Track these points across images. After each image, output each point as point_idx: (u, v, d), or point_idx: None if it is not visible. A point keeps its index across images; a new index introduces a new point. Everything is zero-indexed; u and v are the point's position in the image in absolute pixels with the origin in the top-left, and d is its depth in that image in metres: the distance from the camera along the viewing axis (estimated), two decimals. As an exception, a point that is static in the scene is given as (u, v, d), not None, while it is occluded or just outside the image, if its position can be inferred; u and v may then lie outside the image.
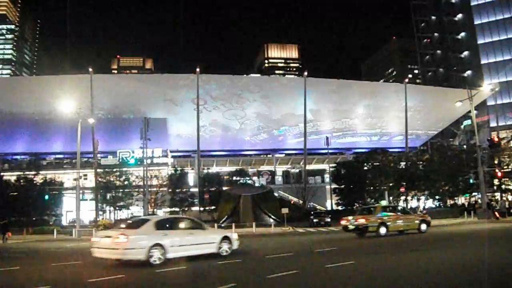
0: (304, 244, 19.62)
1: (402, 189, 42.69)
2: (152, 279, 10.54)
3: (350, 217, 22.00)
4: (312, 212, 41.28)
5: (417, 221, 21.73)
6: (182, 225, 13.87)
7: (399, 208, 26.96)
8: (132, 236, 12.05)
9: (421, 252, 14.16)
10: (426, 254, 13.33)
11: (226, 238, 14.31)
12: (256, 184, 55.32)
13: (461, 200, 50.11)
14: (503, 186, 42.84)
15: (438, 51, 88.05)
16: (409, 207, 43.07)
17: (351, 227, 21.11)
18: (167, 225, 13.33)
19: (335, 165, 51.66)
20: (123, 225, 14.31)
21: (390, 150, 54.71)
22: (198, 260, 13.06)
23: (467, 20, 79.73)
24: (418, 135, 71.11)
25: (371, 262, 11.93)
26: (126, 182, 45.59)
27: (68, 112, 41.54)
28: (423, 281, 8.80)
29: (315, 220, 36.45)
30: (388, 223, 20.63)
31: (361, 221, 20.55)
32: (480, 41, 76.23)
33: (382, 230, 20.24)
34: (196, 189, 49.79)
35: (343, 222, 22.15)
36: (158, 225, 12.90)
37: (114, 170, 46.20)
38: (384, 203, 41.45)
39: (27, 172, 45.29)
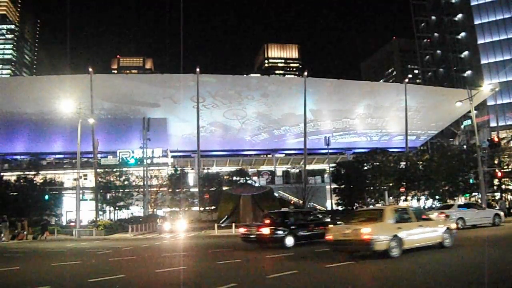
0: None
1: (402, 189, 42.62)
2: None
3: None
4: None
5: None
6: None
7: None
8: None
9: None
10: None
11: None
12: (256, 184, 55.28)
13: (461, 200, 50.05)
14: (503, 186, 42.76)
15: (438, 51, 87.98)
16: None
17: None
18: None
19: (335, 165, 51.59)
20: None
21: (390, 150, 54.69)
22: None
23: (467, 20, 79.64)
24: (418, 135, 71.10)
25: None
26: (126, 182, 45.53)
27: (68, 112, 41.51)
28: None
29: (315, 220, 36.36)
30: None
31: None
32: (480, 41, 76.16)
33: None
34: (196, 189, 49.74)
35: None
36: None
37: (114, 170, 46.13)
38: None
39: (27, 172, 45.20)
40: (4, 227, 30.94)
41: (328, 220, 20.84)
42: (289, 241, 16.72)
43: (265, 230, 16.73)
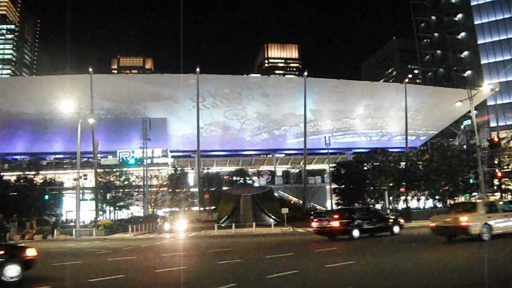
0: (305, 244, 19.62)
1: (402, 189, 42.63)
2: None
3: None
4: (312, 212, 41.23)
5: None
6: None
7: None
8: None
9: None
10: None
11: None
12: (256, 184, 55.28)
13: (461, 200, 50.04)
14: (503, 186, 42.77)
15: (438, 51, 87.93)
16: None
17: None
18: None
19: (335, 165, 51.61)
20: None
21: (390, 150, 54.66)
22: None
23: (467, 20, 79.63)
24: (418, 135, 71.09)
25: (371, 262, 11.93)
26: (126, 182, 45.54)
27: (68, 112, 41.48)
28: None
29: (315, 220, 36.32)
30: None
31: None
32: (480, 41, 76.16)
33: None
34: (196, 189, 49.78)
35: None
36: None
37: (114, 170, 46.14)
38: None
39: (27, 172, 45.23)
40: (13, 226, 31.04)
41: (390, 216, 23.95)
42: (356, 233, 19.38)
43: (335, 224, 19.42)
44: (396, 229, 20.76)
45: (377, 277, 9.47)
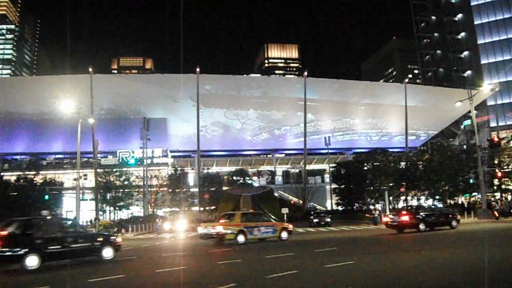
0: (304, 244, 19.61)
1: (402, 189, 42.67)
2: None
3: None
4: (312, 212, 41.26)
5: None
6: None
7: None
8: None
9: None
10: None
11: None
12: (256, 184, 55.27)
13: (461, 199, 50.06)
14: (503, 186, 42.78)
15: (438, 51, 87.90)
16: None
17: None
18: None
19: (335, 165, 51.65)
20: None
21: (390, 150, 54.69)
22: None
23: (467, 20, 79.62)
24: (418, 135, 71.09)
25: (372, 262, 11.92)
26: (126, 182, 45.56)
27: (68, 112, 41.46)
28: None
29: (315, 220, 36.38)
30: None
31: None
32: (480, 41, 76.14)
33: None
34: (196, 189, 49.77)
35: None
36: None
37: (114, 170, 46.16)
38: None
39: (27, 172, 45.23)
40: None
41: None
42: None
43: None
44: None
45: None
